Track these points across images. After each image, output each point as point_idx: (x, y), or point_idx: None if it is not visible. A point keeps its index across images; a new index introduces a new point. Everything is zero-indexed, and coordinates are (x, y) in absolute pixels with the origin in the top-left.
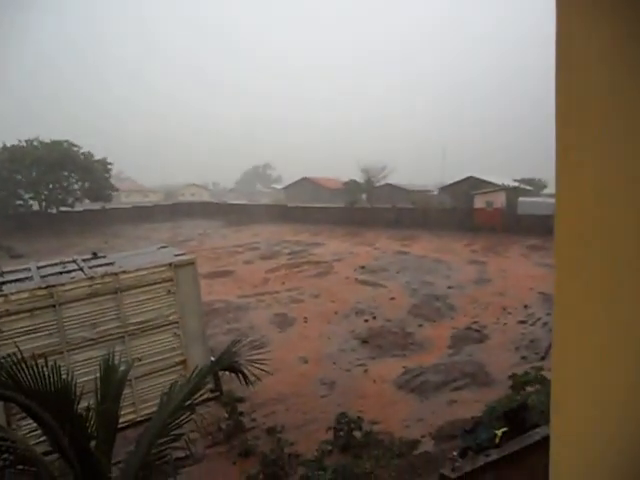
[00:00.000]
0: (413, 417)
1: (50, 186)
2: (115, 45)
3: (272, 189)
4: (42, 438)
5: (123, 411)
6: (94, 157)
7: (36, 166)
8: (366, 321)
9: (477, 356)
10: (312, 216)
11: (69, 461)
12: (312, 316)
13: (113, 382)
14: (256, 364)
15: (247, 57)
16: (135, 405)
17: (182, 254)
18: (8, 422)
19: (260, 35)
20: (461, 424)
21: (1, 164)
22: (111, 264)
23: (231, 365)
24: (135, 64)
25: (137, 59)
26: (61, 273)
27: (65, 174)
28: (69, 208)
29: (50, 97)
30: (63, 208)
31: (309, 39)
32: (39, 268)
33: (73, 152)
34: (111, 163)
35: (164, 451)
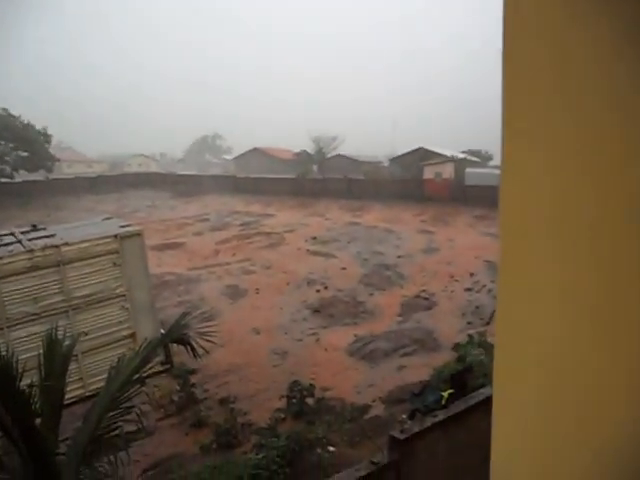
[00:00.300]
0: (364, 383)
1: None
2: (54, 4)
3: (222, 160)
4: None
5: (70, 387)
6: (34, 127)
7: None
8: (318, 291)
9: (426, 323)
10: (263, 187)
11: (13, 440)
12: (264, 287)
13: (57, 357)
14: (206, 336)
15: (202, 22)
16: (83, 380)
17: (128, 225)
18: None
19: None
20: (410, 388)
21: None
22: (52, 236)
23: (180, 337)
24: (75, 21)
25: (78, 16)
26: None
27: (2, 143)
28: (8, 179)
29: None
30: (2, 179)
31: (263, 4)
32: None
33: (10, 121)
34: (49, 135)
35: (114, 425)
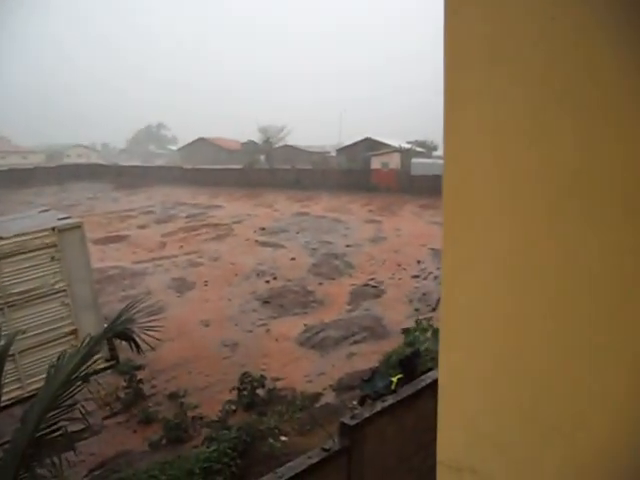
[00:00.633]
0: (314, 372)
1: None
2: None
3: (167, 150)
4: None
5: (8, 388)
6: None
7: None
8: (267, 282)
9: (374, 310)
10: (210, 178)
11: None
12: (212, 279)
13: None
14: (150, 330)
15: (146, 6)
16: (21, 380)
17: (67, 217)
18: None
19: None
20: (360, 375)
21: None
22: None
23: (123, 332)
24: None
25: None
26: None
27: None
28: None
29: None
30: None
31: None
32: None
33: None
34: None
35: (56, 425)
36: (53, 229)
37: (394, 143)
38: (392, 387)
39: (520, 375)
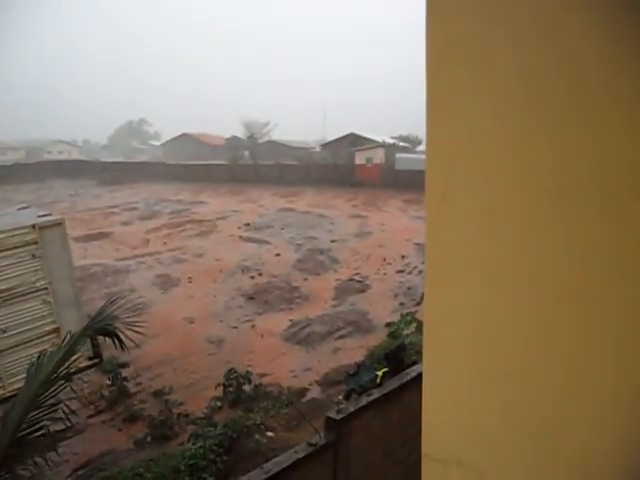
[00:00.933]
0: (300, 367)
1: None
2: None
3: (150, 146)
4: None
5: None
6: None
7: None
8: (252, 278)
9: (359, 305)
10: (193, 174)
11: None
12: (197, 276)
13: None
14: (134, 327)
15: (127, 5)
16: (2, 380)
17: (47, 215)
18: None
19: None
20: (346, 370)
21: None
22: None
23: (104, 329)
24: None
25: None
26: None
27: None
28: None
29: None
30: None
31: None
32: None
33: None
34: None
35: (38, 424)
36: (33, 226)
37: (378, 138)
38: (378, 381)
39: (503, 368)
